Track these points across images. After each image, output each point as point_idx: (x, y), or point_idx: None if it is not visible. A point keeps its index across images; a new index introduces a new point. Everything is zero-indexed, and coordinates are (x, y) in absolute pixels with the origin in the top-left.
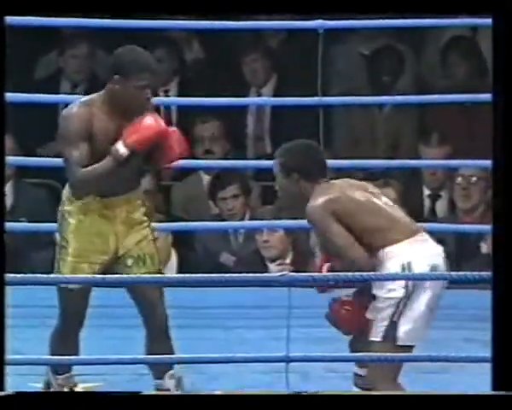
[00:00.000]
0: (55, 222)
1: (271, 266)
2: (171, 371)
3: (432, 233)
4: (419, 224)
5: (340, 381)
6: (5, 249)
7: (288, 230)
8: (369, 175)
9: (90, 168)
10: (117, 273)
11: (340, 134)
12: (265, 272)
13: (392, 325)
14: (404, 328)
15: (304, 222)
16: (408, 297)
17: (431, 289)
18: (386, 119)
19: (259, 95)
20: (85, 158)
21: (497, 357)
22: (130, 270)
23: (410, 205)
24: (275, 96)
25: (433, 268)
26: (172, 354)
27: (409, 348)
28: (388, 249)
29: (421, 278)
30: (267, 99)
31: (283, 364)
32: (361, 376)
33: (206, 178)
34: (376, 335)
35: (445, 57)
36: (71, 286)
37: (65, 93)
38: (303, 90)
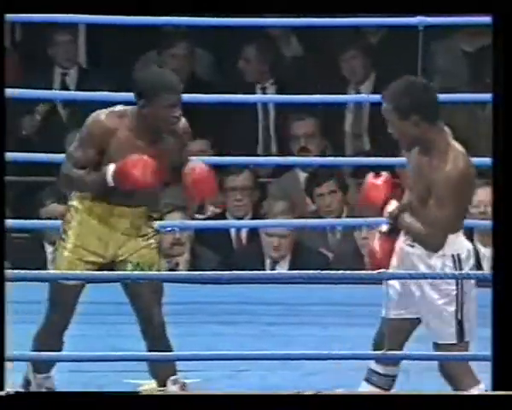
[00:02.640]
0: None
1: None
2: (174, 377)
3: None
4: None
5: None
6: (5, 248)
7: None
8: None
9: (80, 171)
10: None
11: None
12: (363, 269)
13: (460, 324)
14: (467, 324)
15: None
16: (462, 291)
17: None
18: (488, 117)
19: (358, 92)
20: (86, 164)
21: (497, 356)
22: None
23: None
24: (374, 93)
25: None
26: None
27: (468, 343)
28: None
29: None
30: (366, 96)
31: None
32: (379, 374)
33: (302, 176)
34: (449, 337)
35: None
36: (64, 282)
37: None
38: None
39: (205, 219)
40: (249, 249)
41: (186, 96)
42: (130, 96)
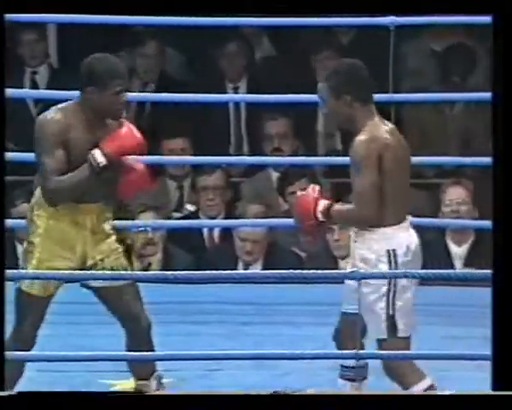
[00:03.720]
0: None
1: (342, 263)
2: (156, 373)
3: None
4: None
5: None
6: (5, 247)
7: None
8: (441, 173)
9: (64, 177)
10: (87, 284)
11: (411, 131)
12: (335, 268)
13: (390, 319)
14: (401, 320)
15: None
16: (395, 287)
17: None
18: (457, 117)
19: None
20: (61, 166)
21: (497, 356)
22: (106, 281)
23: (482, 204)
24: None
25: (415, 256)
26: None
27: (408, 339)
28: (384, 230)
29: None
30: None
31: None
32: (351, 367)
33: (274, 175)
34: (380, 332)
35: None
36: (33, 292)
37: (135, 91)
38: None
39: (178, 219)
40: (222, 249)
41: (157, 95)
42: None
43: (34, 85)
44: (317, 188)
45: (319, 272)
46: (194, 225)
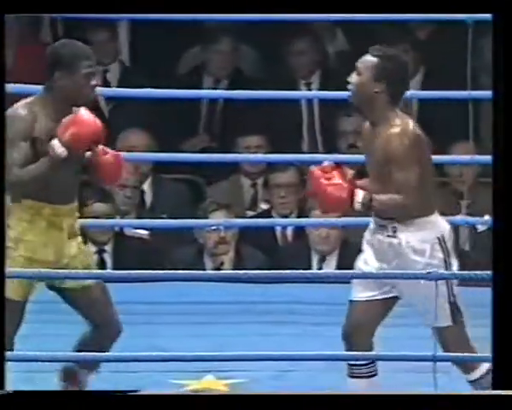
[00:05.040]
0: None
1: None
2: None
3: None
4: None
5: None
6: (5, 246)
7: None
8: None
9: (24, 169)
10: (58, 285)
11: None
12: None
13: (453, 305)
14: (461, 305)
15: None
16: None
17: None
18: None
19: None
20: (25, 159)
21: (497, 356)
22: (78, 282)
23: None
24: (422, 89)
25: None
26: None
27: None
28: (429, 219)
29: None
30: (415, 92)
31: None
32: (360, 365)
33: (350, 173)
34: (444, 320)
35: None
36: (10, 296)
37: (207, 88)
38: (451, 84)
39: (250, 217)
40: (295, 248)
41: (230, 92)
42: (172, 93)
43: (105, 83)
44: (349, 173)
45: (397, 272)
46: (267, 224)
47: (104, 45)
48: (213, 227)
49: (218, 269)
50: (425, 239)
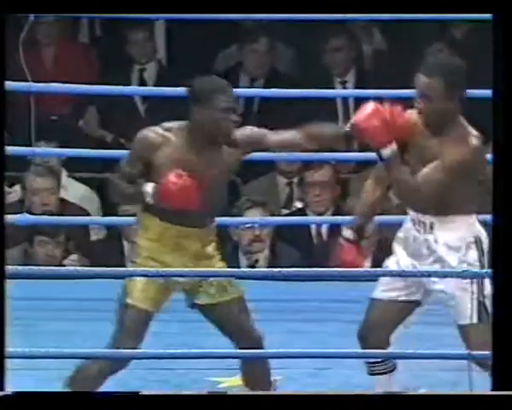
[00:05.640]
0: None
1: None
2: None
3: None
4: None
5: None
6: (5, 245)
7: None
8: None
9: (125, 185)
10: (193, 302)
11: None
12: None
13: (482, 305)
14: (489, 307)
15: None
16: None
17: None
18: None
19: None
20: (130, 176)
21: (497, 356)
22: (214, 298)
23: None
24: None
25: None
26: None
27: None
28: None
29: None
30: None
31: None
32: (379, 362)
33: None
34: (470, 317)
35: None
36: (140, 306)
37: (244, 87)
38: (486, 82)
39: (285, 215)
40: (330, 246)
41: (266, 91)
42: None
43: (142, 82)
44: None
45: (433, 269)
46: (302, 222)
47: (141, 44)
48: (248, 225)
49: (253, 267)
50: (461, 237)
